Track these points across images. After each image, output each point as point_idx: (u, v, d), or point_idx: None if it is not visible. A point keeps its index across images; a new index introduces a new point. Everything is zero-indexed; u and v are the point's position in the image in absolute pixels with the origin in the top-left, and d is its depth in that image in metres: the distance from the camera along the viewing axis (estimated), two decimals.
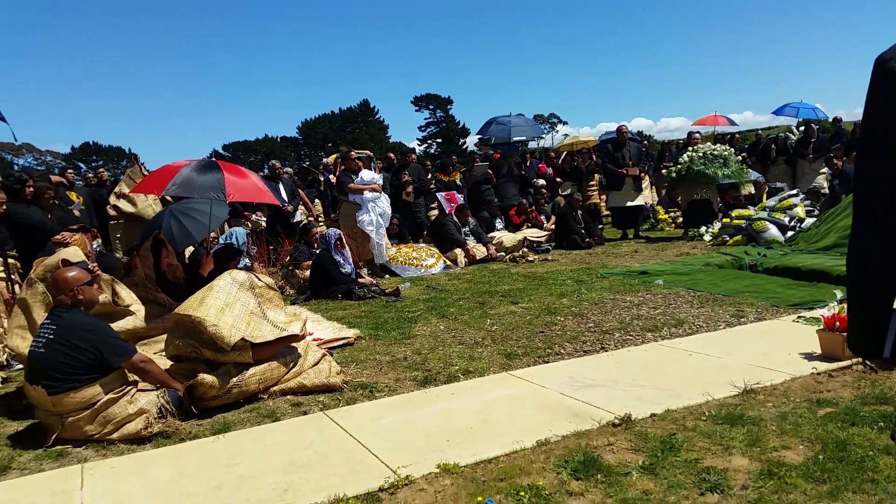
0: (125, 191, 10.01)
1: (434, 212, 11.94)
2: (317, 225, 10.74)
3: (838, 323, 4.31)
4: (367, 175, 10.07)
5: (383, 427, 3.69)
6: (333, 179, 11.73)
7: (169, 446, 3.62)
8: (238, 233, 9.15)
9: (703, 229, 11.67)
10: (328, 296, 7.91)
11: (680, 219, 13.24)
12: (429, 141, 71.76)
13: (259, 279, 4.73)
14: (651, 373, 4.36)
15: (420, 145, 69.77)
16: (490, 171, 12.99)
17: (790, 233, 10.23)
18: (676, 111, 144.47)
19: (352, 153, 11.26)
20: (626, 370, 4.44)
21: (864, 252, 1.41)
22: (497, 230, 11.72)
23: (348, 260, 8.37)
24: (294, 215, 10.89)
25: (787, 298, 6.43)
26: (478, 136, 22.21)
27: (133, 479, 3.20)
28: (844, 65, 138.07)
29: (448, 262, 10.14)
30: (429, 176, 12.58)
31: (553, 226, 12.06)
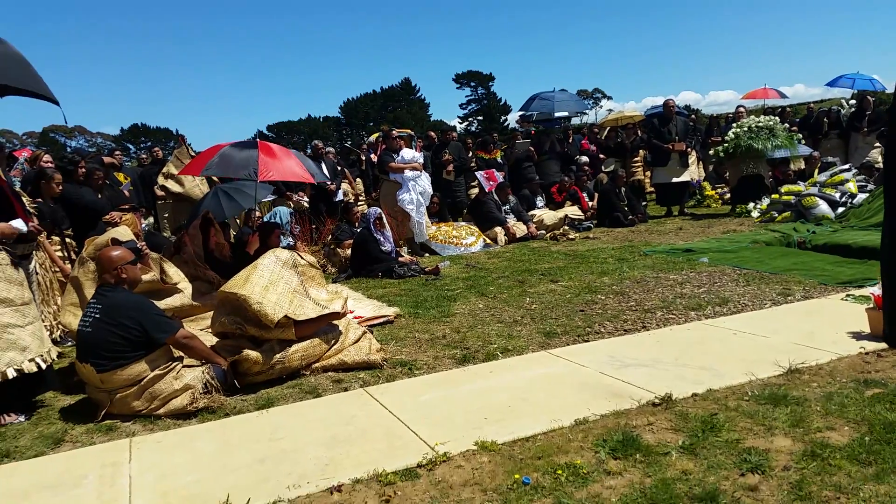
0: (173, 171, 10.26)
1: (474, 190, 11.90)
2: (357, 204, 10.85)
3: None
4: (408, 154, 10.09)
5: (422, 404, 3.72)
6: (375, 158, 11.78)
7: (214, 421, 3.71)
8: (282, 212, 9.35)
9: (751, 205, 11.38)
10: (369, 274, 7.99)
11: (727, 195, 12.92)
12: (470, 118, 71.26)
13: (302, 258, 4.80)
14: (693, 352, 4.30)
15: (461, 123, 69.45)
16: (532, 148, 12.86)
17: (841, 209, 9.91)
18: (726, 84, 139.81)
19: (393, 132, 11.30)
20: (668, 349, 4.39)
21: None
22: (538, 208, 11.64)
23: (388, 238, 8.43)
24: (336, 194, 11.00)
25: (837, 276, 6.25)
26: (520, 113, 21.99)
27: (179, 453, 3.30)
28: None
29: (488, 241, 10.12)
30: (469, 154, 12.52)
31: (596, 204, 11.92)
